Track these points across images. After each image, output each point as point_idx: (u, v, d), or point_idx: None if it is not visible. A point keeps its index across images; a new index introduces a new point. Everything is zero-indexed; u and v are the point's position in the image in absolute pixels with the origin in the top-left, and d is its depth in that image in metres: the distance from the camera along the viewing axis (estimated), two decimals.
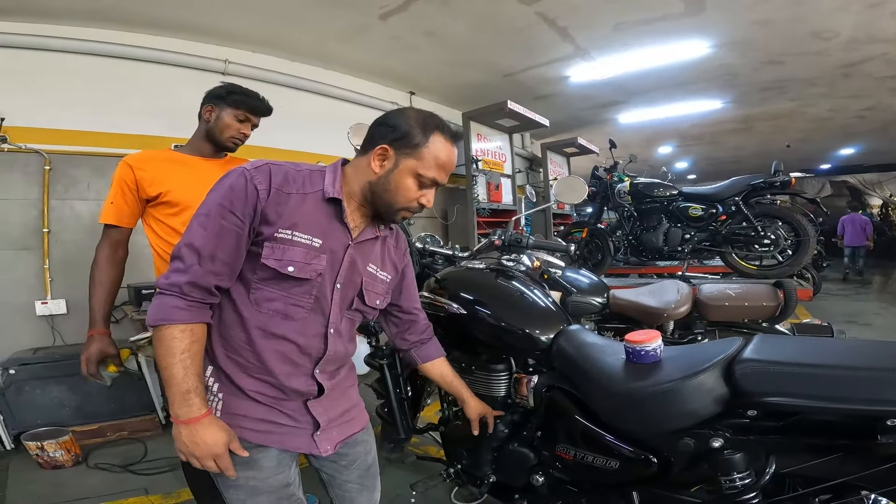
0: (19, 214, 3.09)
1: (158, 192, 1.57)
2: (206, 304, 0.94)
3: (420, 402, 2.03)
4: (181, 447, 0.91)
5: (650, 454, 1.12)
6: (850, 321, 5.23)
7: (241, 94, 1.68)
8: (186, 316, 0.91)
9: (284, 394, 1.02)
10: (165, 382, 0.90)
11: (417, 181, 1.02)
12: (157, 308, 0.91)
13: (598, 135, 7.37)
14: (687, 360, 1.06)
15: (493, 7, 3.57)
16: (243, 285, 0.98)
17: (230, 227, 0.92)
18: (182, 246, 0.93)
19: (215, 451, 0.90)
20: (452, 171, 1.06)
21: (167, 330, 0.90)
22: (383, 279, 1.15)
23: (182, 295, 0.91)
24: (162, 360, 0.90)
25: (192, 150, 1.71)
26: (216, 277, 0.93)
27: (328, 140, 4.41)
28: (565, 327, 1.44)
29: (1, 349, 2.91)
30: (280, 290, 0.98)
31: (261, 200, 0.93)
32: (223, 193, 0.93)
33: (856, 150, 10.23)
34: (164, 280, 0.92)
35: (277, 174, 0.97)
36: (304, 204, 0.98)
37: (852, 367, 0.85)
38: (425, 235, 2.02)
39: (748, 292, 2.23)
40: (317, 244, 0.98)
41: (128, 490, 2.29)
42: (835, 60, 4.75)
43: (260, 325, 0.98)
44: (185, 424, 0.89)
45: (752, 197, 3.21)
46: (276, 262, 0.95)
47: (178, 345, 0.89)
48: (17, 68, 3.07)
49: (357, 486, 1.18)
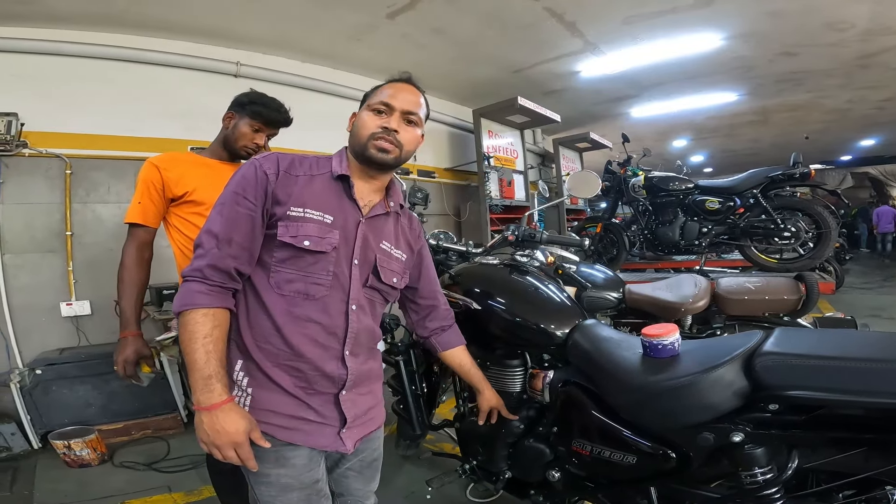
0: (43, 218, 3.16)
1: (184, 192, 1.61)
2: (227, 288, 0.98)
3: (436, 398, 2.04)
4: (202, 436, 0.92)
5: (669, 449, 1.11)
6: (875, 315, 5.11)
7: (261, 104, 1.69)
8: (208, 300, 0.95)
9: (313, 387, 1.03)
10: (188, 369, 0.93)
11: (373, 112, 1.08)
12: (181, 295, 0.96)
13: (610, 129, 7.29)
14: (706, 354, 1.05)
15: (500, 3, 3.56)
16: (263, 270, 1.01)
17: (244, 212, 0.98)
18: (202, 233, 0.99)
19: (236, 440, 0.91)
20: (411, 108, 1.09)
21: (190, 315, 0.94)
22: (398, 257, 1.17)
23: (203, 279, 0.95)
24: (185, 346, 0.93)
25: (211, 154, 1.75)
26: (234, 260, 0.97)
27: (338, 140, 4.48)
28: (581, 322, 1.44)
29: (28, 350, 3.00)
30: (298, 271, 1.00)
31: (270, 183, 1.00)
32: (236, 182, 1.01)
33: (876, 140, 10.01)
34: (187, 269, 0.97)
35: (284, 160, 1.05)
36: (312, 184, 1.04)
37: (877, 360, 0.83)
38: (438, 232, 2.02)
39: (768, 286, 2.19)
40: (328, 220, 1.02)
41: (152, 488, 2.34)
42: (851, 52, 4.64)
43: (284, 309, 1.00)
44: (207, 411, 0.91)
45: (770, 189, 3.14)
46: (292, 238, 0.99)
47: (200, 329, 0.93)
48: (34, 73, 3.14)
49: (355, 475, 1.19)
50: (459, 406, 1.76)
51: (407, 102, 1.08)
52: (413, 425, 1.82)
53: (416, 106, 1.10)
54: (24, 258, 3.08)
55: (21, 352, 2.99)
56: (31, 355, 2.97)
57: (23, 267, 3.07)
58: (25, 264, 3.08)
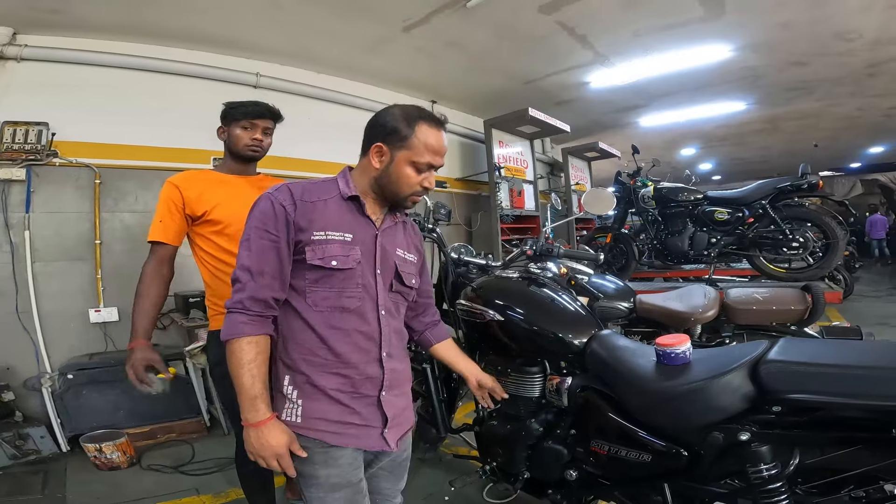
0: (73, 227, 3.27)
1: (204, 211, 1.65)
2: (267, 316, 1.08)
3: (454, 403, 2.13)
4: (250, 448, 1.04)
5: (681, 448, 1.20)
6: (883, 323, 5.11)
7: (239, 106, 1.77)
8: (251, 329, 1.05)
9: (358, 391, 1.13)
10: (237, 391, 1.04)
11: (414, 168, 1.13)
12: (227, 326, 1.06)
13: (619, 138, 7.36)
14: (715, 362, 1.14)
15: (513, 17, 3.66)
16: (298, 293, 1.11)
17: (268, 244, 1.07)
18: (237, 270, 1.09)
19: (278, 451, 1.03)
20: (446, 153, 1.17)
21: (236, 343, 1.04)
22: (411, 261, 1.28)
23: (245, 310, 1.05)
24: (233, 371, 1.04)
25: (225, 170, 1.81)
26: (269, 290, 1.07)
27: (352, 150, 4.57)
28: (597, 332, 1.53)
29: (57, 355, 3.10)
30: (331, 288, 1.10)
31: (289, 214, 1.08)
32: (256, 217, 1.10)
33: (886, 147, 9.97)
34: (229, 302, 1.08)
35: (296, 189, 1.12)
36: (327, 208, 1.12)
37: (869, 367, 0.93)
38: (459, 246, 2.12)
39: (776, 296, 2.25)
40: (348, 238, 1.11)
41: (181, 490, 2.40)
42: (860, 60, 4.69)
43: (326, 323, 1.10)
44: (254, 427, 1.02)
45: (779, 200, 3.20)
46: (320, 260, 1.08)
47: (245, 356, 1.03)
48: (64, 83, 3.23)
49: (386, 474, 1.28)
50: (479, 411, 1.84)
51: (443, 158, 1.17)
52: (439, 428, 1.92)
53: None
54: (54, 266, 3.18)
55: (50, 357, 3.08)
56: (59, 360, 3.06)
57: (53, 274, 3.17)
58: (55, 272, 3.18)
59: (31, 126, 3.06)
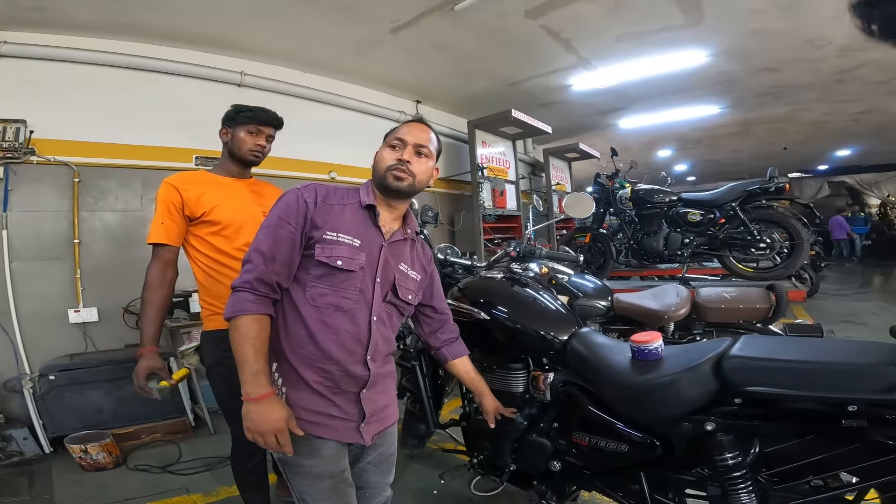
0: (51, 226, 3.21)
1: (203, 211, 1.66)
2: (270, 298, 1.15)
3: (441, 399, 2.20)
4: (249, 424, 1.06)
5: (655, 438, 1.30)
6: (847, 321, 5.30)
7: (248, 110, 1.80)
8: (255, 307, 1.11)
9: (339, 386, 1.20)
10: (239, 366, 1.08)
11: (389, 148, 1.26)
12: (233, 303, 1.12)
13: (599, 140, 7.53)
14: (684, 357, 1.25)
15: (499, 21, 3.72)
16: (300, 286, 1.18)
17: (286, 235, 1.15)
18: (251, 251, 1.15)
19: (278, 426, 1.05)
20: (422, 142, 1.26)
21: (241, 319, 1.10)
22: (413, 277, 1.35)
23: (252, 289, 1.11)
24: (237, 346, 1.09)
25: (222, 172, 1.82)
26: (277, 276, 1.14)
27: (338, 150, 4.55)
28: (577, 330, 1.62)
29: (36, 356, 3.05)
30: (331, 286, 1.17)
31: (309, 210, 1.17)
32: (280, 208, 1.18)
33: (852, 151, 10.36)
34: (237, 281, 1.13)
35: (321, 190, 1.22)
36: (344, 212, 1.21)
37: (821, 362, 1.04)
38: (445, 247, 2.18)
39: (742, 295, 2.37)
40: (357, 243, 1.19)
41: (170, 490, 2.40)
42: (829, 67, 4.88)
43: (317, 319, 1.16)
44: (255, 402, 1.05)
45: (748, 202, 3.36)
46: (327, 258, 1.15)
47: (250, 331, 1.09)
48: (42, 80, 3.17)
49: (374, 468, 1.35)
50: (465, 407, 1.92)
51: (418, 137, 1.26)
52: (427, 423, 1.99)
53: (427, 140, 1.28)
54: (32, 265, 3.13)
55: (29, 358, 3.03)
56: (38, 361, 3.01)
57: (31, 274, 3.11)
58: (33, 272, 3.12)
59: (9, 124, 2.99)
